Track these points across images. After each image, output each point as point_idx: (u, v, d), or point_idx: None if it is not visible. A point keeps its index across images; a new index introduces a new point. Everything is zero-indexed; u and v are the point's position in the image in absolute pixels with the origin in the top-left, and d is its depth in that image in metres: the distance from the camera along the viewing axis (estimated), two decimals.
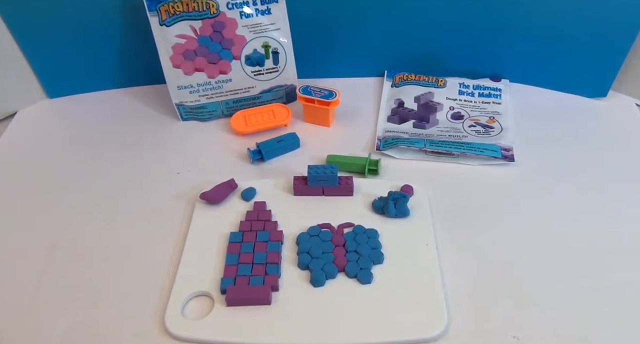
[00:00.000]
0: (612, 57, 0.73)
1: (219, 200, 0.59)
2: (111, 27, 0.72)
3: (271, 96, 0.74)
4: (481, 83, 0.78)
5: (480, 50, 0.77)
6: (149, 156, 0.68)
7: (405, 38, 0.76)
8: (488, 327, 0.48)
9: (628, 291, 0.50)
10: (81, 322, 0.49)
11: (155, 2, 0.64)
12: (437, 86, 0.77)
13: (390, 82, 0.80)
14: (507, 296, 0.50)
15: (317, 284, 0.50)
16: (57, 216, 0.60)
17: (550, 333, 0.47)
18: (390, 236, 0.55)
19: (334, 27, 0.75)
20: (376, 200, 0.58)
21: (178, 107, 0.72)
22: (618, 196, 0.61)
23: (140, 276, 0.53)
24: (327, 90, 0.69)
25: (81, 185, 0.64)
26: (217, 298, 0.49)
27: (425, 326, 0.47)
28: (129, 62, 0.77)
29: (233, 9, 0.67)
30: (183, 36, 0.67)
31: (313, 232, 0.55)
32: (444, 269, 0.52)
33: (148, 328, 0.48)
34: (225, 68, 0.69)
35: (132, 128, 0.73)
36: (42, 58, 0.75)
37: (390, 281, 0.51)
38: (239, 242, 0.54)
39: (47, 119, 0.76)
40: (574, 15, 0.70)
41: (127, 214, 0.60)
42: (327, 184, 0.59)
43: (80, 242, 0.56)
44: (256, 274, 0.51)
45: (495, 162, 0.65)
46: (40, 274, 0.53)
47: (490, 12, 0.72)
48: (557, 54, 0.74)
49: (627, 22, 0.69)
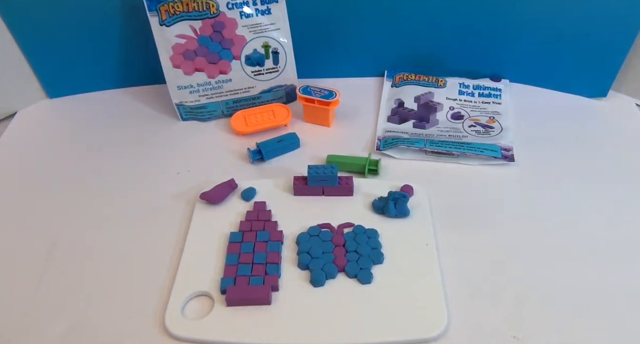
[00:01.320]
0: (612, 57, 0.73)
1: (219, 200, 0.59)
2: (111, 27, 0.72)
3: (271, 96, 0.74)
4: (481, 83, 0.78)
5: (480, 50, 0.77)
6: (148, 156, 0.68)
7: (405, 38, 0.76)
8: (488, 327, 0.48)
9: (628, 291, 0.50)
10: (81, 322, 0.49)
11: (155, 2, 0.64)
12: (437, 86, 0.77)
13: (390, 82, 0.80)
14: (507, 296, 0.50)
15: (317, 284, 0.50)
16: (57, 216, 0.60)
17: (550, 333, 0.47)
18: (390, 236, 0.55)
19: (334, 27, 0.75)
20: (376, 200, 0.58)
21: (178, 107, 0.72)
22: (618, 195, 0.61)
23: (140, 276, 0.53)
24: (327, 90, 0.69)
25: (81, 185, 0.64)
26: (217, 298, 0.49)
27: (425, 326, 0.47)
28: (129, 62, 0.77)
29: (233, 9, 0.67)
30: (183, 36, 0.67)
31: (313, 232, 0.55)
32: (444, 269, 0.52)
33: (148, 328, 0.48)
34: (225, 68, 0.69)
35: (132, 128, 0.73)
36: (42, 58, 0.75)
37: (390, 281, 0.51)
38: (239, 242, 0.54)
39: (47, 119, 0.76)
40: (574, 16, 0.70)
41: (127, 214, 0.60)
42: (327, 184, 0.59)
43: (80, 242, 0.56)
44: (256, 274, 0.51)
45: (495, 162, 0.65)
46: (40, 274, 0.53)
47: (490, 12, 0.72)
48: (557, 54, 0.74)
49: (627, 22, 0.69)
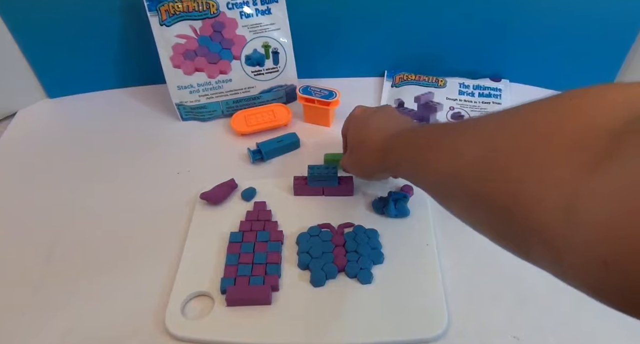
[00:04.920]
0: (612, 57, 0.73)
1: (219, 200, 0.59)
2: (111, 27, 0.72)
3: (271, 96, 0.74)
4: (481, 83, 0.78)
5: (480, 50, 0.77)
6: (148, 156, 0.68)
7: (405, 38, 0.76)
8: (488, 327, 0.48)
9: None
10: (81, 322, 0.49)
11: (155, 2, 0.64)
12: (437, 86, 0.77)
13: (390, 82, 0.80)
14: (507, 296, 0.50)
15: (317, 284, 0.50)
16: (57, 215, 0.60)
17: (550, 333, 0.47)
18: (390, 236, 0.55)
19: (334, 27, 0.75)
20: (376, 200, 0.58)
21: (178, 107, 0.72)
22: None
23: (140, 276, 0.53)
24: (327, 90, 0.69)
25: (81, 185, 0.64)
26: (217, 298, 0.49)
27: (425, 326, 0.47)
28: (129, 62, 0.77)
29: (233, 9, 0.67)
30: (183, 36, 0.67)
31: (313, 232, 0.55)
32: (444, 269, 0.52)
33: (148, 328, 0.48)
34: (225, 68, 0.69)
35: (132, 128, 0.73)
36: (42, 58, 0.75)
37: (390, 281, 0.51)
38: (239, 242, 0.54)
39: (47, 119, 0.76)
40: (574, 16, 0.70)
41: (127, 214, 0.60)
42: (327, 184, 0.59)
43: (80, 242, 0.56)
44: (256, 274, 0.51)
45: None
46: (40, 274, 0.53)
47: (490, 12, 0.72)
48: (557, 54, 0.74)
49: (627, 22, 0.69)
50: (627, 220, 0.20)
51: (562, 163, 0.25)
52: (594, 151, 0.24)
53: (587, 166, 0.23)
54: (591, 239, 0.22)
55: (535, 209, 0.25)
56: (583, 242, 0.22)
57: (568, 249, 0.23)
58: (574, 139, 0.25)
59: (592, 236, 0.22)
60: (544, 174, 0.25)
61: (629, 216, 0.20)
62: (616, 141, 0.23)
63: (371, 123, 0.52)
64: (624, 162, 0.22)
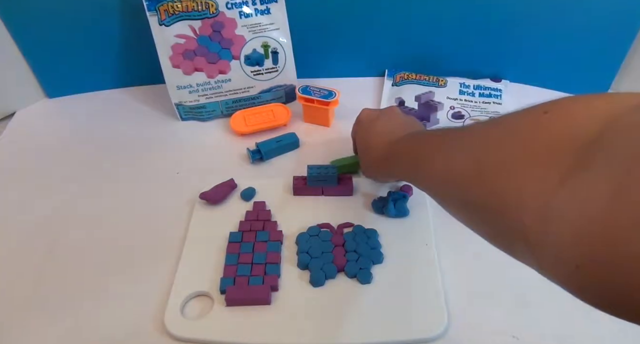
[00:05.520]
0: (612, 57, 0.73)
1: (219, 200, 0.59)
2: (110, 27, 0.72)
3: (270, 96, 0.74)
4: (482, 83, 0.78)
5: (480, 50, 0.77)
6: (148, 156, 0.68)
7: (406, 38, 0.76)
8: (488, 327, 0.47)
9: None
10: (81, 322, 0.49)
11: (155, 2, 0.64)
12: (438, 85, 0.77)
13: (390, 81, 0.79)
14: (507, 296, 0.50)
15: (316, 284, 0.50)
16: (57, 215, 0.59)
17: (550, 333, 0.47)
18: (390, 236, 0.55)
19: (334, 27, 0.75)
20: (376, 200, 0.58)
21: (177, 107, 0.72)
22: None
23: (140, 276, 0.52)
24: (326, 90, 0.69)
25: (81, 185, 0.64)
26: (217, 298, 0.49)
27: (425, 326, 0.47)
28: (128, 62, 0.77)
29: (232, 8, 0.67)
30: (182, 36, 0.67)
31: (313, 232, 0.55)
32: (443, 269, 0.52)
33: (148, 328, 0.48)
34: (225, 68, 0.69)
35: (132, 128, 0.73)
36: (42, 58, 0.74)
37: (390, 281, 0.51)
38: (238, 242, 0.54)
39: (47, 119, 0.76)
40: (573, 15, 0.70)
41: (127, 214, 0.59)
42: (326, 184, 0.59)
43: (80, 242, 0.56)
44: (256, 274, 0.51)
45: None
46: (40, 274, 0.53)
47: (490, 13, 0.72)
48: (557, 54, 0.74)
49: (626, 22, 0.69)
50: (590, 230, 0.22)
51: (534, 176, 0.27)
52: (566, 163, 0.25)
53: (557, 179, 0.25)
54: (564, 247, 0.24)
55: (516, 216, 0.27)
56: (557, 249, 0.24)
57: (544, 253, 0.26)
58: (548, 151, 0.27)
59: (564, 244, 0.24)
60: (521, 184, 0.28)
61: (592, 226, 0.22)
62: (585, 153, 0.25)
63: (374, 129, 0.55)
64: (589, 174, 0.24)
